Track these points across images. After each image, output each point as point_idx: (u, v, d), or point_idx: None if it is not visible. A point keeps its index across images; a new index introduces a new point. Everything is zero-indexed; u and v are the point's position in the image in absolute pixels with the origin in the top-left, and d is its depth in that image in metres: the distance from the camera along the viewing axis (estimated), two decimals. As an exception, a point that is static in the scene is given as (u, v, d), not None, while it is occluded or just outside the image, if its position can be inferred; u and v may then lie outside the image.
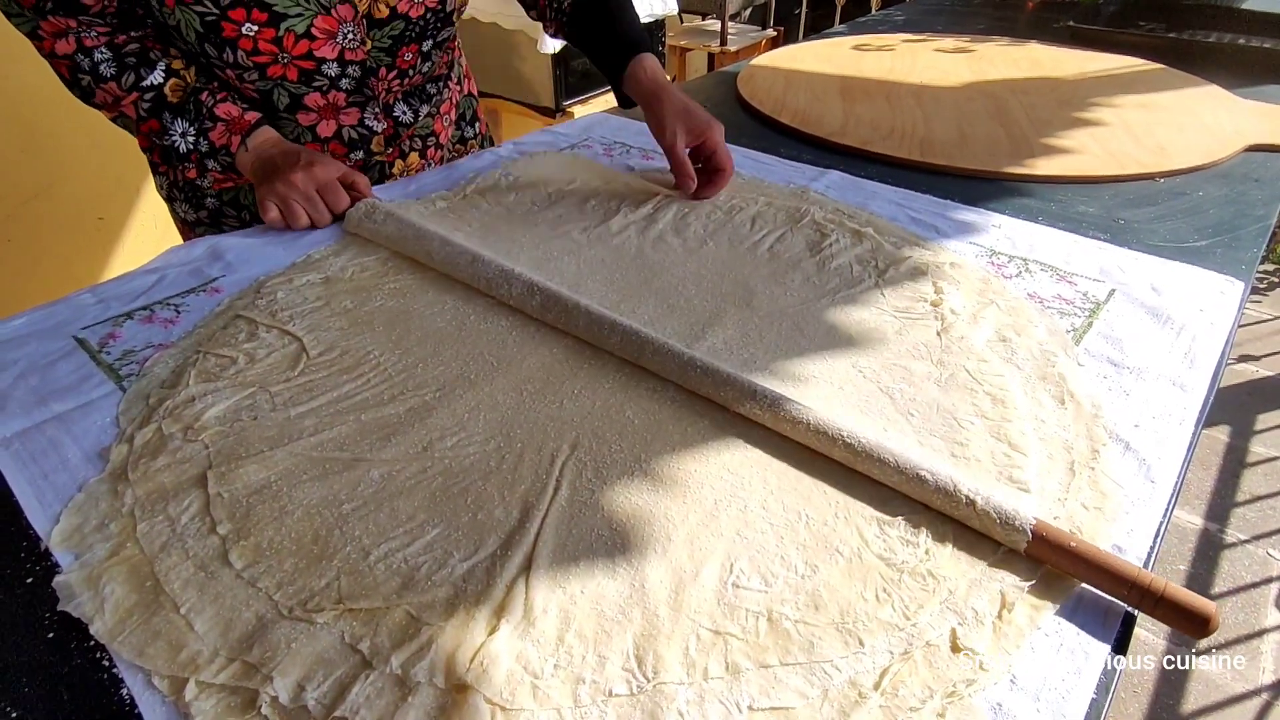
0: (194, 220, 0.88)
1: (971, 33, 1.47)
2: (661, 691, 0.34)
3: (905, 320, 0.59)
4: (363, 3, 0.75)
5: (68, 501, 0.44)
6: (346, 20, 0.75)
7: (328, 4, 0.73)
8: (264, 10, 0.70)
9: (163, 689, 0.34)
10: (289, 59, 0.75)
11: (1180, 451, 0.48)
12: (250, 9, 0.70)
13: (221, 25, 0.70)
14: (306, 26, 0.73)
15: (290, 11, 0.71)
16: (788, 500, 0.44)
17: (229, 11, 0.69)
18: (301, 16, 0.72)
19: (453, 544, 0.41)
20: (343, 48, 0.77)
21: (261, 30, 0.71)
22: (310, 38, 0.74)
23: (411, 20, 0.80)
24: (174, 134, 0.74)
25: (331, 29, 0.74)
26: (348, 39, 0.76)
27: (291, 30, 0.72)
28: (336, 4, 0.74)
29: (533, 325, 0.59)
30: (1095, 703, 0.34)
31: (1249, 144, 0.93)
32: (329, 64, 0.77)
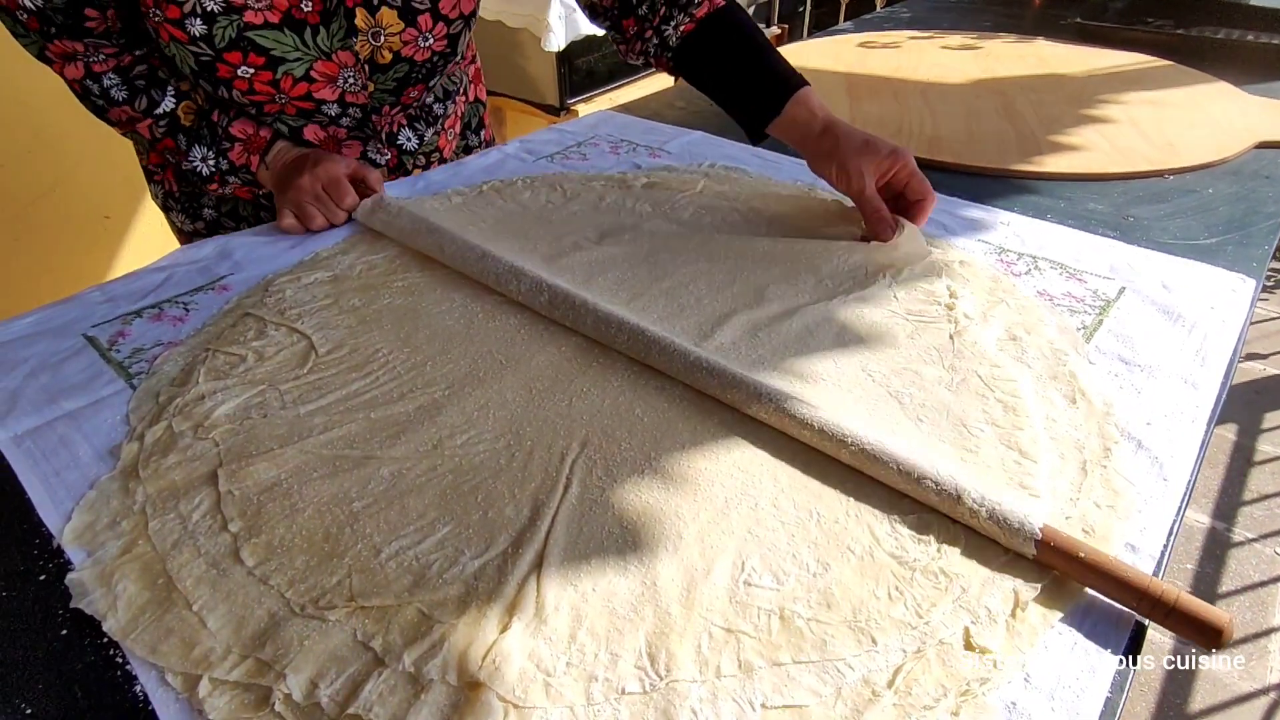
0: (190, 230, 0.88)
1: (978, 30, 1.46)
2: (674, 689, 0.34)
3: (918, 323, 0.59)
4: (364, 49, 0.72)
5: (79, 499, 0.44)
6: (347, 65, 0.72)
7: (328, 50, 0.70)
8: (261, 54, 0.68)
9: (176, 686, 0.35)
10: (286, 99, 0.73)
11: (1193, 449, 0.48)
12: (246, 52, 0.67)
13: (216, 66, 0.68)
14: (305, 70, 0.70)
15: (289, 56, 0.69)
16: (798, 498, 0.44)
17: (224, 54, 0.67)
18: (300, 61, 0.70)
19: (464, 542, 0.41)
20: (343, 90, 0.74)
21: (258, 73, 0.69)
22: (309, 80, 0.71)
23: (416, 64, 0.76)
24: (194, 159, 0.73)
25: (332, 73, 0.72)
26: (349, 83, 0.74)
27: (289, 74, 0.70)
28: (337, 50, 0.71)
29: (541, 323, 0.59)
30: (1110, 701, 0.34)
31: (1259, 141, 0.92)
32: (329, 105, 0.75)
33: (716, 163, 0.88)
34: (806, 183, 0.83)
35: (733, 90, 0.76)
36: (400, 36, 0.73)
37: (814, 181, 0.83)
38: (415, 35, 0.73)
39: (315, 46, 0.70)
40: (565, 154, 0.92)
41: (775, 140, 0.95)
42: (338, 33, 0.70)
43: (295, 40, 0.68)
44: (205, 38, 0.65)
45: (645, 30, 0.78)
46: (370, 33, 0.71)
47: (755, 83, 0.74)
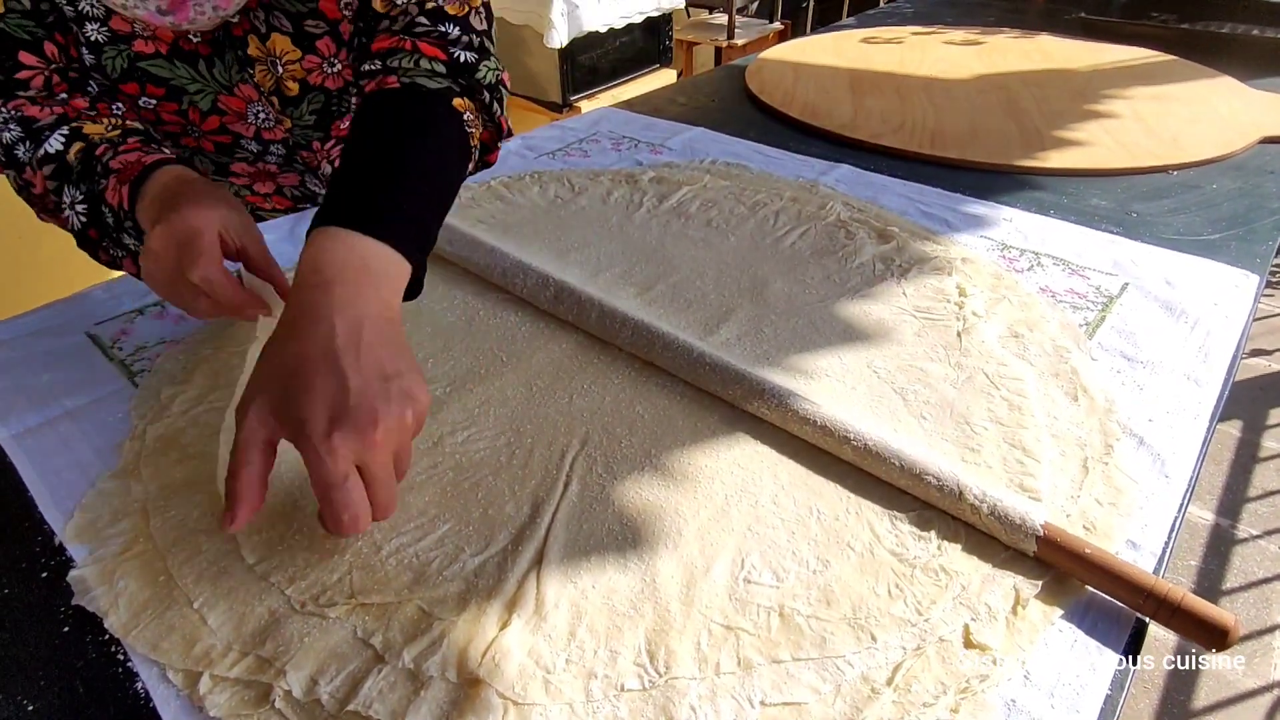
0: None
1: (981, 25, 1.45)
2: (673, 686, 0.34)
3: (925, 320, 0.59)
4: (266, 80, 0.63)
5: (81, 496, 0.45)
6: (253, 100, 0.64)
7: (227, 83, 0.63)
8: (159, 85, 0.61)
9: (177, 682, 0.35)
10: (200, 133, 0.65)
11: (1195, 446, 0.48)
12: (144, 84, 0.61)
13: (117, 97, 0.61)
14: (211, 103, 0.63)
15: (189, 87, 0.62)
16: (799, 495, 0.44)
17: (120, 85, 0.60)
18: (203, 93, 0.63)
19: (464, 539, 0.41)
20: (257, 127, 0.66)
21: (161, 104, 0.62)
22: (219, 113, 0.64)
23: (332, 92, 0.67)
24: (65, 208, 0.54)
25: (239, 109, 0.64)
26: (260, 119, 0.66)
27: (194, 105, 0.63)
28: (237, 82, 0.63)
29: (542, 320, 0.59)
30: (1110, 699, 0.34)
31: (1263, 136, 0.92)
32: (247, 140, 0.68)
33: (718, 159, 0.88)
34: (809, 179, 0.83)
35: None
36: (301, 64, 0.64)
37: (816, 178, 0.83)
38: (319, 61, 0.64)
39: (213, 79, 0.62)
40: (567, 151, 0.92)
41: (777, 137, 0.95)
42: (232, 64, 0.62)
43: (190, 72, 0.62)
44: (96, 67, 0.59)
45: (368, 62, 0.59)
46: (268, 61, 0.63)
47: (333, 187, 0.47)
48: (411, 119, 0.49)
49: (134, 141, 0.55)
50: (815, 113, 1.01)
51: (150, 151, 0.54)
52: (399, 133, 0.48)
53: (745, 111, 1.06)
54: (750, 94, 1.10)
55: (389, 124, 0.49)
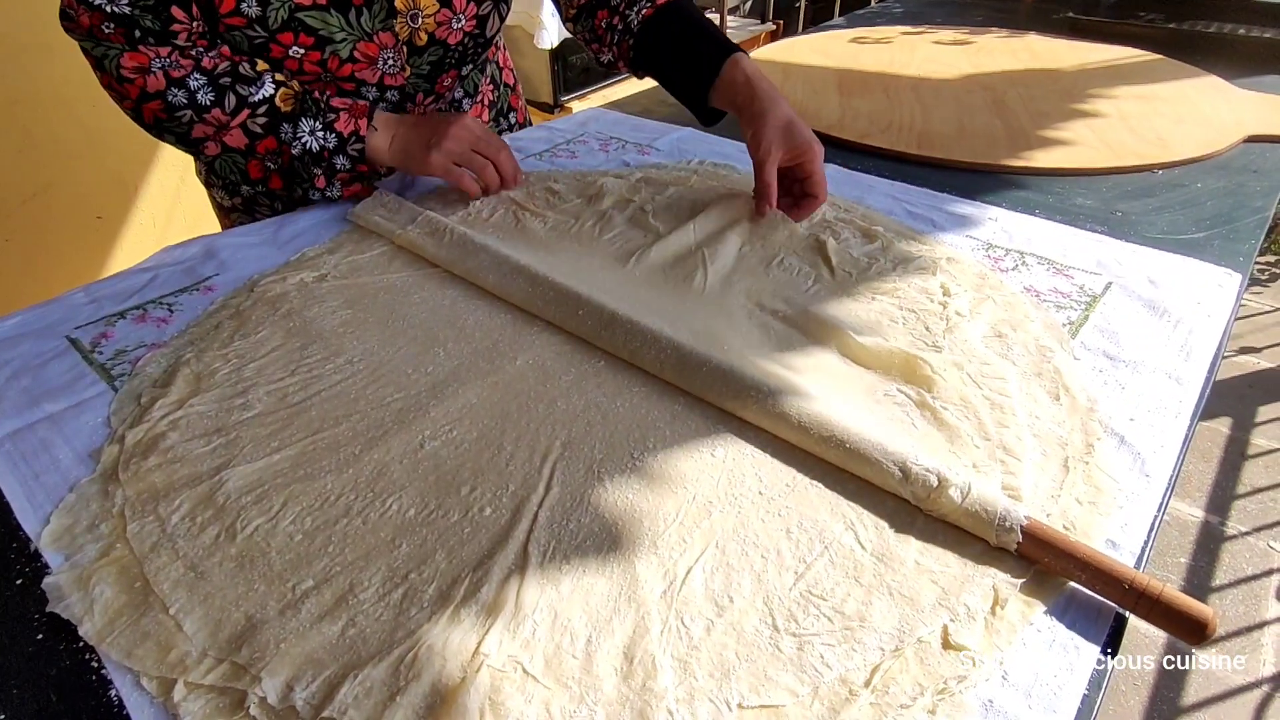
0: (229, 206, 0.89)
1: (970, 25, 1.46)
2: (651, 690, 0.34)
3: (909, 319, 0.59)
4: (404, 30, 0.75)
5: (58, 502, 0.44)
6: (387, 46, 0.75)
7: (370, 30, 0.73)
8: (310, 35, 0.70)
9: (151, 690, 0.34)
10: (332, 78, 0.75)
11: (1176, 445, 0.48)
12: (297, 33, 0.70)
13: (269, 47, 0.70)
14: (350, 51, 0.73)
15: (335, 36, 0.71)
16: (779, 497, 0.44)
17: (278, 35, 0.69)
18: (346, 41, 0.72)
19: (443, 542, 0.41)
20: (383, 73, 0.77)
21: (308, 53, 0.71)
22: (353, 60, 0.74)
23: (450, 47, 0.80)
24: (303, 135, 0.71)
25: (373, 55, 0.75)
26: (388, 64, 0.76)
27: (336, 54, 0.72)
28: (378, 30, 0.73)
29: (526, 323, 0.59)
30: (1087, 699, 0.34)
31: (1248, 135, 0.92)
32: (368, 88, 0.77)
33: (705, 159, 0.88)
34: (795, 179, 0.83)
35: (679, 65, 0.80)
36: (435, 18, 0.76)
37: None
38: (449, 16, 0.77)
39: (359, 27, 0.72)
40: (554, 152, 0.91)
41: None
42: (379, 14, 0.72)
43: (341, 20, 0.71)
44: (260, 20, 0.68)
45: (614, 19, 0.84)
46: (409, 14, 0.74)
47: (697, 53, 0.77)
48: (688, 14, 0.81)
49: (330, 88, 0.74)
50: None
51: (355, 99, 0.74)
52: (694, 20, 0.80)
53: (733, 112, 1.06)
54: (738, 94, 1.10)
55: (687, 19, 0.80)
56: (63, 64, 1.59)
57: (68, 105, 1.62)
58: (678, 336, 0.53)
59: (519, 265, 0.62)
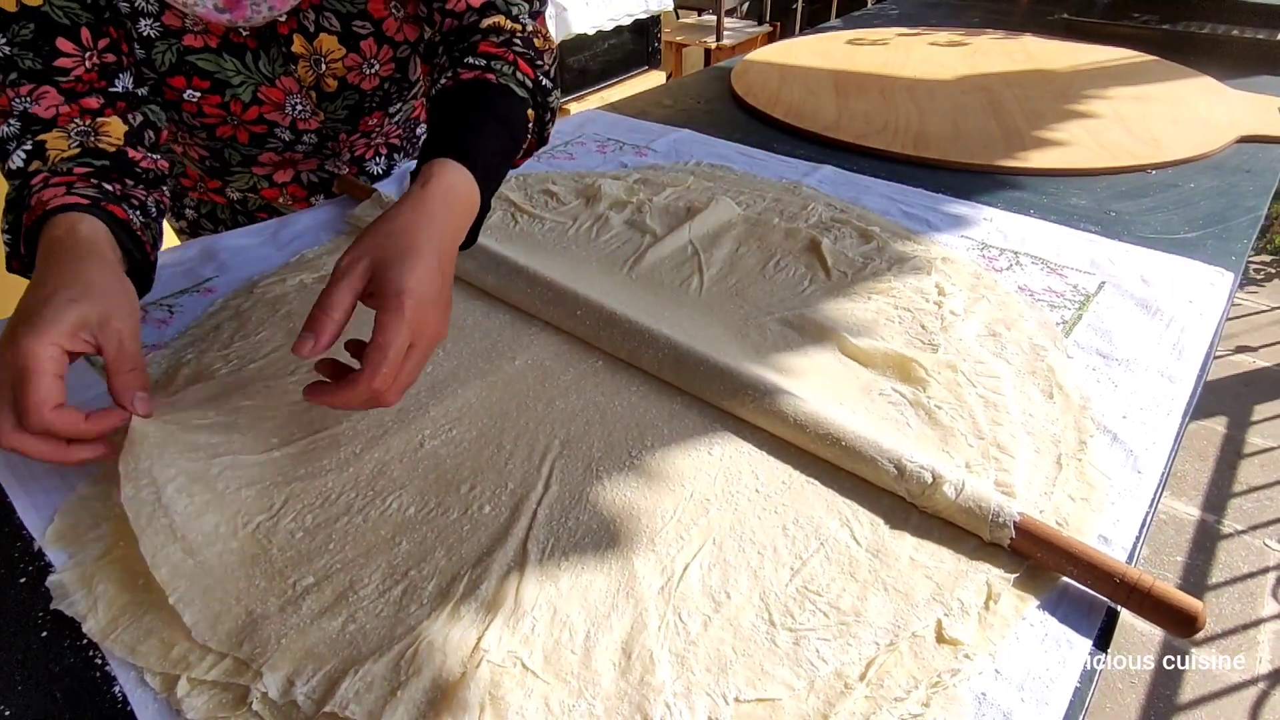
0: (177, 229, 0.90)
1: (967, 26, 1.47)
2: (649, 685, 0.35)
3: (904, 319, 0.59)
4: (307, 75, 0.69)
5: (62, 502, 0.45)
6: (293, 92, 0.70)
7: (270, 75, 0.68)
8: (205, 78, 0.65)
9: (155, 686, 0.35)
10: (239, 122, 0.70)
11: (1167, 442, 0.48)
12: (190, 76, 0.65)
13: (163, 90, 0.65)
14: (252, 94, 0.68)
15: (232, 80, 0.66)
16: (776, 494, 0.44)
17: (168, 79, 0.64)
18: (245, 85, 0.67)
19: (443, 540, 0.42)
20: (293, 118, 0.72)
21: (205, 96, 0.66)
22: (259, 103, 0.69)
23: (366, 92, 0.72)
24: None
25: (278, 100, 0.69)
26: (297, 110, 0.71)
27: (237, 98, 0.67)
28: (280, 75, 0.68)
29: (523, 325, 0.60)
30: (1079, 692, 0.35)
31: (1241, 135, 0.93)
32: (281, 129, 0.72)
33: (703, 160, 0.89)
34: (792, 180, 0.83)
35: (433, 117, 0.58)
36: (344, 63, 0.69)
37: (799, 179, 0.84)
38: (359, 61, 0.70)
39: (258, 71, 0.67)
40: (552, 153, 0.92)
41: (762, 138, 0.96)
42: (276, 58, 0.67)
43: (236, 64, 0.66)
44: (146, 62, 0.63)
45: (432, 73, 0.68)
46: (311, 59, 0.68)
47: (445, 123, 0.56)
48: (500, 106, 0.58)
49: (76, 170, 0.53)
50: (800, 114, 1.01)
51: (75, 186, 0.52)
52: (488, 111, 0.57)
53: (731, 113, 1.06)
54: (736, 96, 1.11)
55: (481, 103, 0.57)
56: None
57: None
58: (676, 337, 0.54)
59: (517, 266, 0.62)
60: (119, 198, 0.54)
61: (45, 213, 0.49)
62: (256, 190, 0.82)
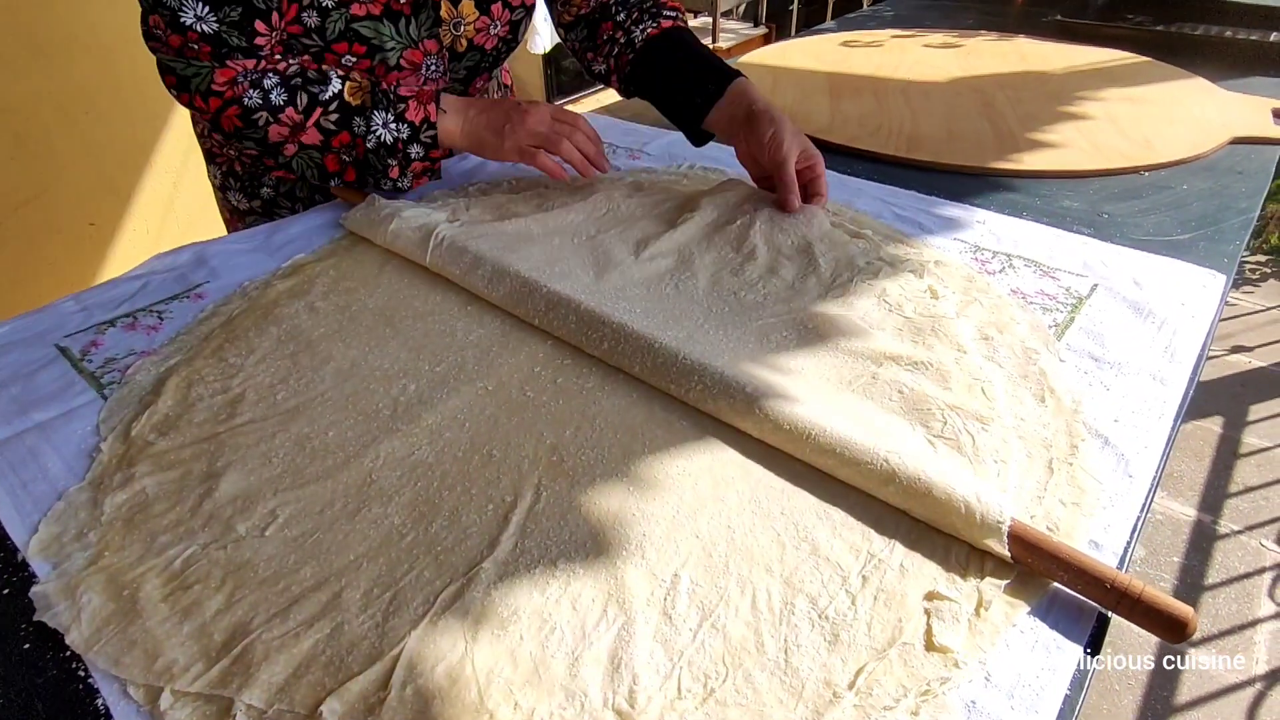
0: (246, 209, 0.89)
1: (961, 28, 1.46)
2: (636, 694, 0.34)
3: (896, 321, 0.59)
4: (446, 37, 0.79)
5: (46, 511, 0.44)
6: (431, 53, 0.78)
7: (416, 38, 0.76)
8: (363, 44, 0.73)
9: (138, 698, 0.34)
10: None
11: (1159, 446, 0.48)
12: (351, 43, 0.73)
13: (324, 56, 0.73)
14: (397, 59, 0.76)
15: (386, 45, 0.74)
16: (766, 501, 0.44)
17: (333, 45, 0.72)
18: (394, 49, 0.75)
19: (429, 549, 0.41)
20: (425, 78, 0.79)
21: (359, 61, 0.74)
22: (399, 68, 0.76)
23: (485, 52, 0.83)
24: (376, 127, 0.72)
25: (417, 62, 0.78)
26: (430, 70, 0.79)
27: (384, 62, 0.75)
28: (424, 38, 0.77)
29: (515, 330, 0.59)
30: (1069, 699, 0.34)
31: (1234, 136, 0.93)
32: None
33: (696, 164, 0.88)
34: (784, 183, 0.83)
35: (680, 83, 0.83)
36: (475, 24, 0.80)
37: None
38: (488, 23, 0.80)
39: (407, 35, 0.75)
40: (544, 157, 0.92)
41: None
42: (425, 22, 0.76)
43: (391, 30, 0.74)
44: (318, 30, 0.71)
45: (617, 32, 0.86)
46: (452, 23, 0.78)
47: (701, 73, 0.81)
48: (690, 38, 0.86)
49: (394, 75, 0.76)
50: (793, 116, 1.00)
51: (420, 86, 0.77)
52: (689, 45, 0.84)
53: (724, 116, 1.06)
54: (729, 98, 1.10)
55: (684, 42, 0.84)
56: (57, 70, 1.59)
57: (60, 111, 1.62)
58: (668, 342, 0.53)
59: (509, 271, 0.62)
60: None
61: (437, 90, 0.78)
62: None
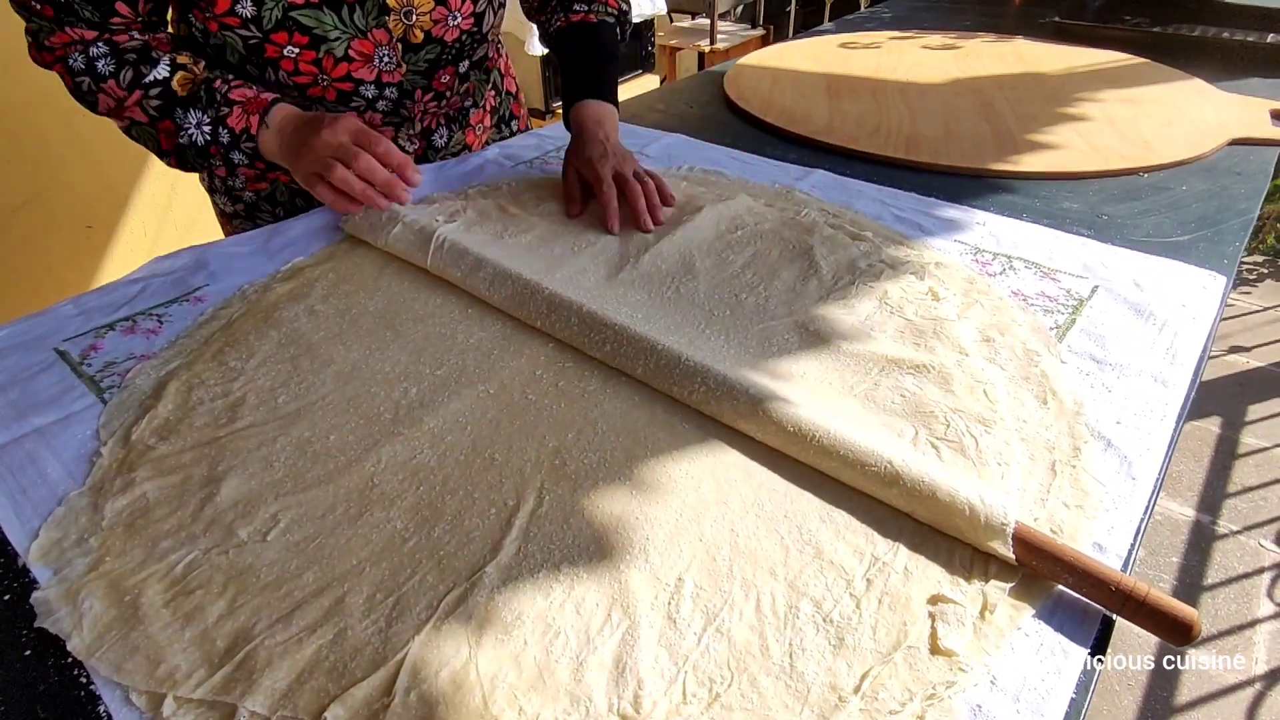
0: (231, 213, 0.89)
1: (959, 29, 1.47)
2: (641, 699, 0.34)
3: (897, 323, 0.59)
4: (398, 27, 0.76)
5: (47, 516, 0.44)
6: (382, 44, 0.76)
7: (364, 27, 0.74)
8: (305, 34, 0.71)
9: (140, 705, 0.34)
10: (329, 81, 0.76)
11: (1161, 448, 0.48)
12: (292, 32, 0.71)
13: (264, 47, 0.71)
14: (345, 49, 0.74)
15: (330, 35, 0.73)
16: (770, 504, 0.44)
17: (271, 35, 0.70)
18: (340, 39, 0.73)
19: (432, 554, 0.41)
20: (379, 70, 0.78)
21: (302, 52, 0.72)
22: (348, 60, 0.75)
23: (447, 44, 0.81)
24: (189, 126, 0.70)
25: (368, 52, 0.76)
26: (384, 62, 0.78)
27: (331, 53, 0.74)
28: (373, 28, 0.74)
29: (516, 333, 0.59)
30: (1075, 702, 0.34)
31: (1232, 138, 0.93)
32: (366, 85, 0.78)
33: (695, 165, 0.88)
34: (785, 184, 0.83)
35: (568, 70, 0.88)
36: (431, 15, 0.77)
37: (791, 184, 0.83)
38: (445, 14, 0.78)
39: (352, 24, 0.73)
40: (545, 159, 0.92)
41: (754, 142, 0.96)
42: (371, 10, 0.74)
43: (334, 18, 0.72)
44: (254, 19, 0.69)
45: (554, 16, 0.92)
46: (403, 11, 0.75)
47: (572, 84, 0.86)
48: (606, 37, 0.88)
49: (239, 80, 0.72)
50: (792, 118, 1.01)
51: (262, 90, 0.72)
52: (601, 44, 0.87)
53: (724, 117, 1.06)
54: (728, 100, 1.11)
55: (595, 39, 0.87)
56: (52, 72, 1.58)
57: (57, 113, 1.61)
58: (670, 344, 0.53)
59: (510, 273, 0.62)
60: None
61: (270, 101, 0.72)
62: None
